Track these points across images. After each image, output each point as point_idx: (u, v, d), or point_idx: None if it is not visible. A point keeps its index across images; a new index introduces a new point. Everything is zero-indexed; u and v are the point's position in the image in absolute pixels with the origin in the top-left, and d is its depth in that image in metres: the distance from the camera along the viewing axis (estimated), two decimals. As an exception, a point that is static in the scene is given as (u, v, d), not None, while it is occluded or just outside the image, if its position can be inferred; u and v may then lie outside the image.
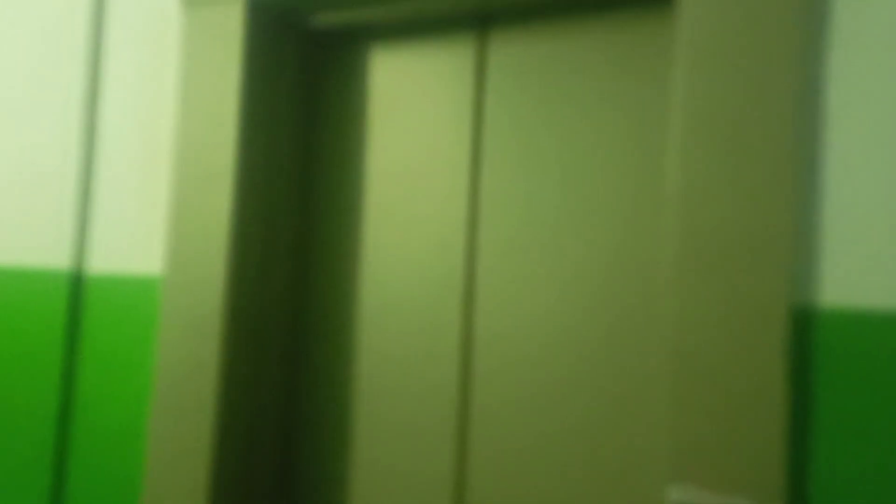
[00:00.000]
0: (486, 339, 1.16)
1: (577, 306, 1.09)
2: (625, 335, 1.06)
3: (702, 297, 0.87)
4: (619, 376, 1.06)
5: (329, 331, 1.29)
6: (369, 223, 1.27)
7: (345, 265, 1.29)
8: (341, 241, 1.30)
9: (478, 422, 1.15)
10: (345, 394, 1.27)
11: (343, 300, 1.28)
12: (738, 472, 0.83)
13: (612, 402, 1.06)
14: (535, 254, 1.13)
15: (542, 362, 1.11)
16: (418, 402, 1.20)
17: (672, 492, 0.84)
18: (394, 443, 1.22)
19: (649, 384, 1.03)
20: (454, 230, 1.20)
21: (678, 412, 0.86)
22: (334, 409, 1.27)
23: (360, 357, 1.26)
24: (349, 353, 1.27)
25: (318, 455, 1.28)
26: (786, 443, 0.81)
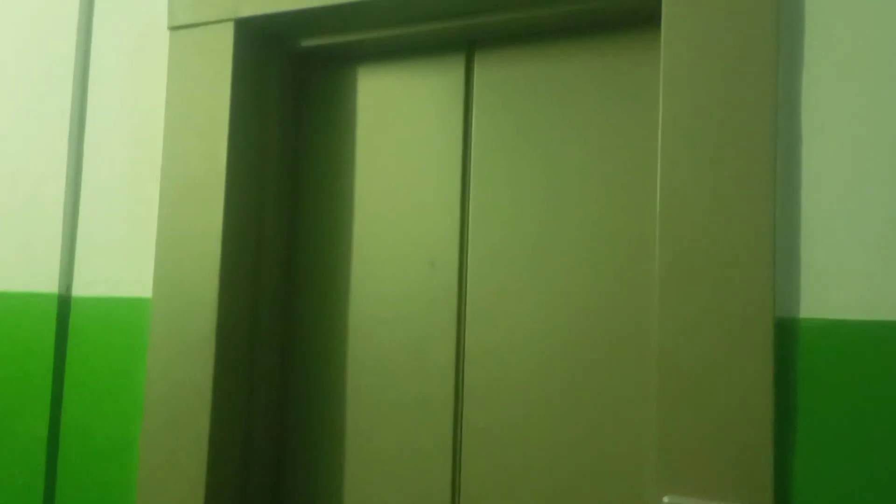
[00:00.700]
0: (477, 353, 1.18)
1: (566, 319, 1.12)
2: (614, 347, 1.08)
3: (687, 310, 0.90)
4: (608, 387, 1.08)
5: (320, 348, 1.30)
6: (359, 241, 1.29)
7: (335, 283, 1.30)
8: (331, 259, 1.31)
9: (470, 434, 1.17)
10: (337, 411, 1.28)
11: (333, 318, 1.30)
12: (727, 478, 0.86)
13: (602, 412, 1.08)
14: (524, 269, 1.16)
15: (532, 374, 1.14)
16: (410, 417, 1.22)
17: (664, 500, 0.87)
18: (387, 460, 1.23)
19: (638, 395, 1.06)
20: (444, 247, 1.22)
21: (667, 422, 0.89)
22: (327, 427, 1.28)
23: (351, 374, 1.27)
24: (340, 370, 1.28)
25: (312, 473, 1.29)
26: (773, 448, 0.84)
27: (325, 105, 1.35)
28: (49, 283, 1.35)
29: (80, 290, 1.35)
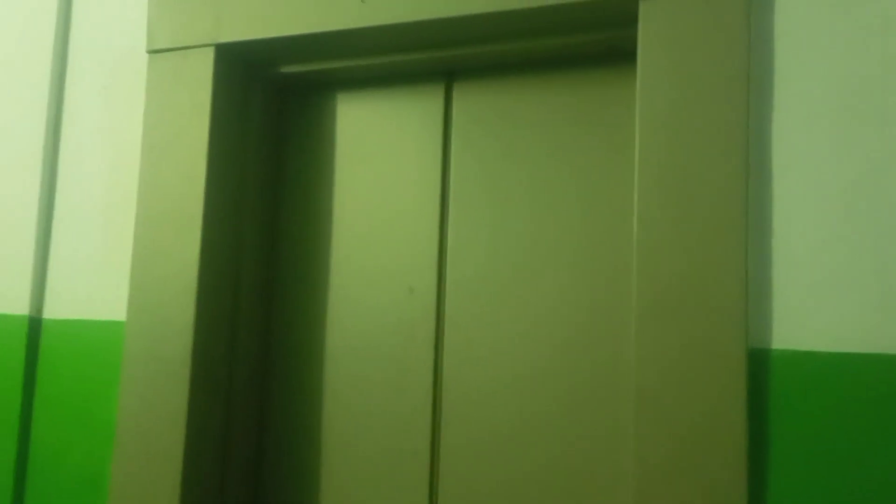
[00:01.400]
0: (454, 378, 1.18)
1: (544, 346, 1.13)
2: (591, 374, 1.10)
3: (663, 340, 0.92)
4: (585, 414, 1.10)
5: (298, 374, 1.30)
6: (337, 267, 1.29)
7: (313, 308, 1.30)
8: (310, 284, 1.31)
9: (448, 458, 1.17)
10: (315, 437, 1.27)
11: (312, 343, 1.29)
12: (702, 502, 0.87)
13: (578, 439, 1.10)
14: (501, 296, 1.17)
15: (509, 400, 1.15)
16: (388, 442, 1.22)
17: (641, 528, 0.88)
18: (365, 485, 1.22)
19: (615, 422, 1.08)
20: (422, 276, 1.23)
21: (643, 449, 0.91)
22: (305, 454, 1.28)
23: (329, 400, 1.27)
24: (319, 395, 1.28)
25: (291, 502, 1.28)
26: (747, 476, 0.86)
27: (304, 132, 1.36)
28: (19, 305, 1.33)
29: (52, 312, 1.32)
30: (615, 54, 1.13)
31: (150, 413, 1.19)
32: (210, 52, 1.23)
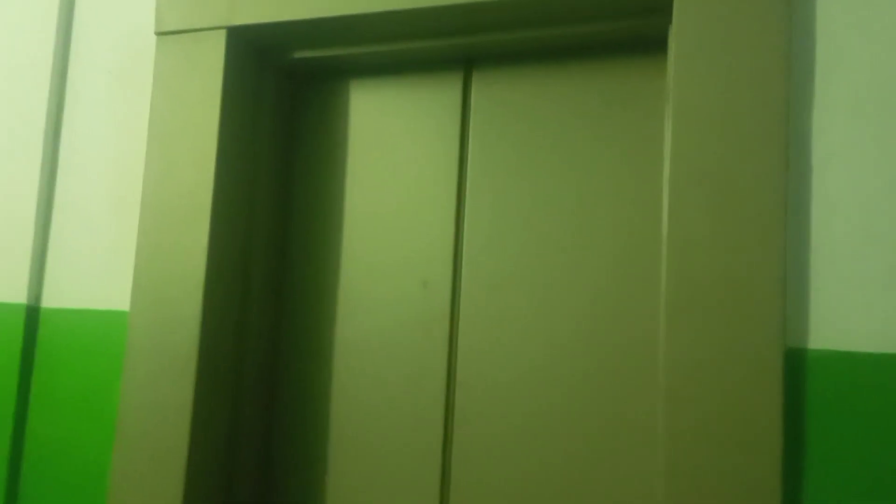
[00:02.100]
0: (469, 376, 1.15)
1: (565, 346, 1.10)
2: (616, 375, 1.07)
3: (694, 340, 0.88)
4: (611, 417, 1.06)
5: (308, 369, 1.26)
6: (350, 259, 1.26)
7: (324, 302, 1.26)
8: (321, 277, 1.27)
9: (460, 458, 1.14)
10: (325, 435, 1.23)
11: (323, 338, 1.25)
12: (733, 511, 0.84)
13: (604, 443, 1.06)
14: (521, 295, 1.14)
15: (526, 400, 1.11)
16: (400, 441, 1.18)
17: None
18: (376, 485, 1.19)
19: (642, 426, 1.05)
20: (437, 270, 1.19)
21: (674, 454, 0.88)
22: (315, 453, 1.24)
23: (340, 397, 1.23)
24: (329, 392, 1.24)
25: (299, 502, 1.24)
26: (782, 480, 0.83)
27: (318, 119, 1.32)
28: (17, 293, 1.28)
29: (51, 300, 1.28)
30: (643, 42, 1.10)
31: (154, 408, 1.14)
32: (222, 35, 1.19)
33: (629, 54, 1.11)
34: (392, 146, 1.26)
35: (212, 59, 1.19)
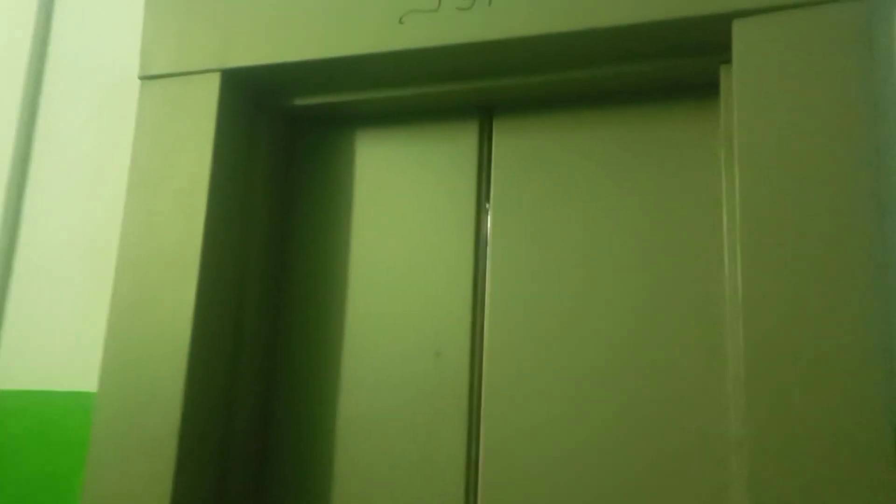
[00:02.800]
0: (494, 462, 0.99)
1: (603, 422, 0.95)
2: (666, 454, 0.92)
3: (782, 423, 0.75)
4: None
5: (304, 457, 1.09)
6: (352, 329, 1.11)
7: (324, 378, 1.10)
8: (321, 348, 1.12)
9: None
10: (321, 534, 1.05)
11: (321, 421, 1.09)
12: None
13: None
14: (548, 362, 1.00)
15: (559, 487, 0.95)
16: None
17: None
18: None
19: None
20: (451, 335, 1.05)
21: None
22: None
23: (341, 488, 1.06)
24: (329, 483, 1.06)
25: None
26: None
27: (319, 171, 1.19)
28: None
29: (5, 382, 1.11)
30: (687, 86, 0.99)
31: (129, 498, 0.96)
32: (215, 78, 1.07)
33: (666, 98, 1.01)
34: (400, 201, 1.13)
35: (204, 103, 1.07)
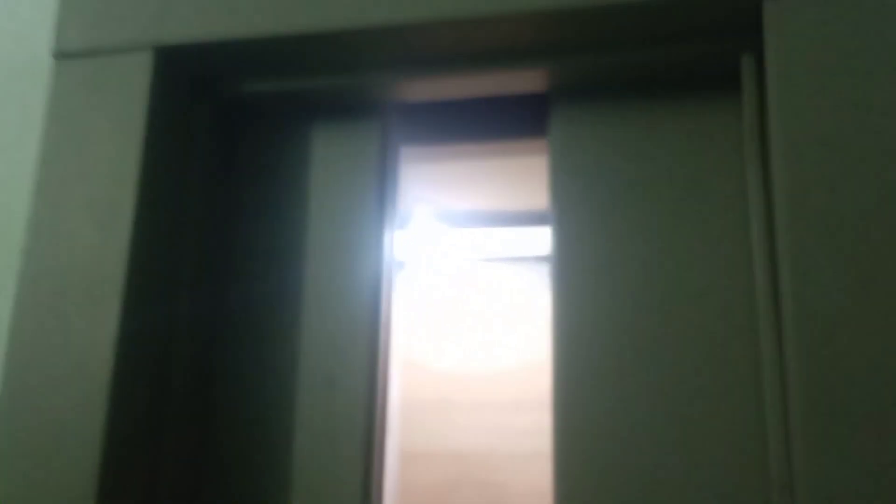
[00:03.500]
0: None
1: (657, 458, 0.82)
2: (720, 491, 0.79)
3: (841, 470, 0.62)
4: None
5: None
6: (303, 346, 0.94)
7: (267, 423, 0.93)
8: (262, 382, 0.94)
9: None
10: None
11: (261, 473, 0.92)
12: None
13: None
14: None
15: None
16: None
17: None
18: None
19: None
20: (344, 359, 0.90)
21: None
22: None
23: (296, 548, 0.89)
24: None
25: None
26: None
27: (270, 172, 1.02)
28: None
29: None
30: (701, 76, 0.87)
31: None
32: (146, 57, 0.89)
33: (685, 91, 0.89)
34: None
35: (132, 87, 0.89)
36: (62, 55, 0.92)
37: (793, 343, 0.66)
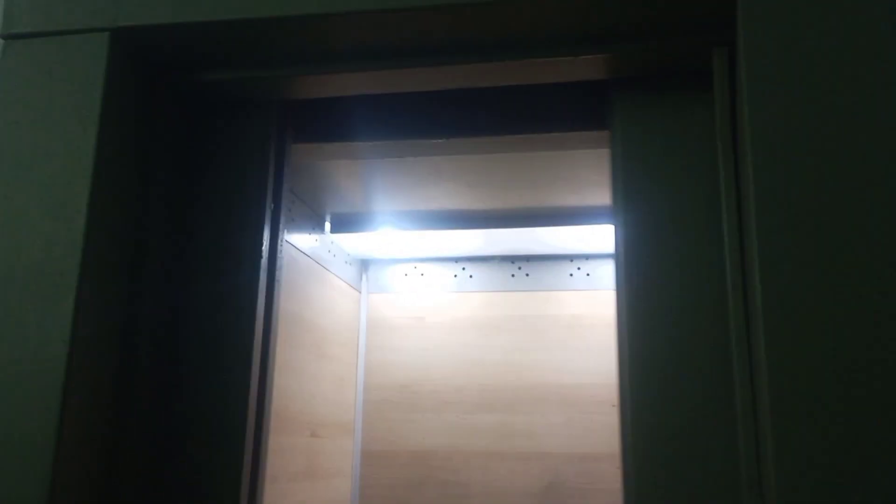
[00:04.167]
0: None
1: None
2: None
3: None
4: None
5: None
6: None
7: (236, 435, 0.90)
8: (230, 390, 0.91)
9: None
10: None
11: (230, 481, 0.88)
12: None
13: None
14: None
15: None
16: None
17: None
18: None
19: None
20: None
21: None
22: None
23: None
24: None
25: None
26: None
27: (236, 165, 0.98)
28: None
29: None
30: (671, 71, 0.87)
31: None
32: (103, 39, 0.85)
33: (658, 87, 0.89)
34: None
35: (87, 71, 0.85)
36: (10, 35, 0.87)
37: (762, 341, 0.66)
